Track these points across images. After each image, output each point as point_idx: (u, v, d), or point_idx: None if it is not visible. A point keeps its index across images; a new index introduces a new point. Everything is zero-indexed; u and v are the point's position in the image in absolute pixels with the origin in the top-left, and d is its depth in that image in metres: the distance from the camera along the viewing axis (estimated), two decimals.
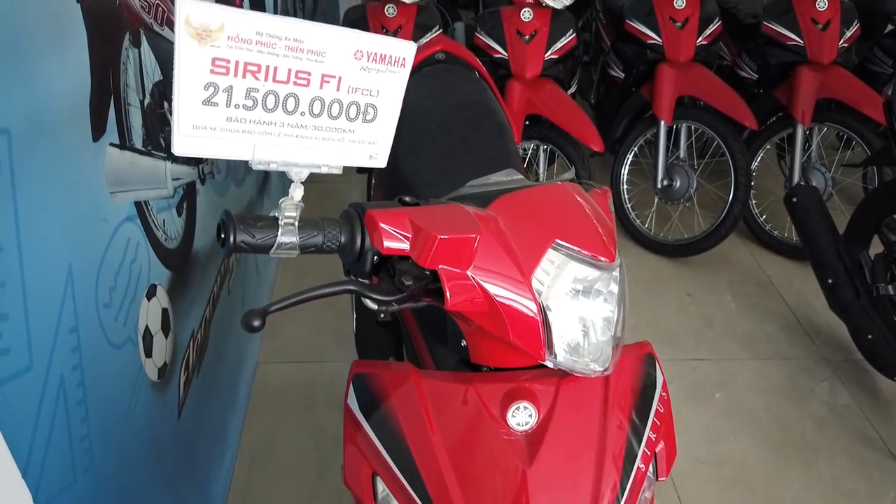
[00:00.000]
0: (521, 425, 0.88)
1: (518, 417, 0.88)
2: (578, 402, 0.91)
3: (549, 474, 0.86)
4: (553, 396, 0.90)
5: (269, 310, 0.71)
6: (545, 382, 0.91)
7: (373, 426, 0.93)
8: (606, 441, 0.90)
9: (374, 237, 0.76)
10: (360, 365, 0.99)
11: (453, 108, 1.77)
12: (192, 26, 0.56)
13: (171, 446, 1.55)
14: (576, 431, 0.89)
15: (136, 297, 1.36)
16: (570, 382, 0.92)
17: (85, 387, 1.15)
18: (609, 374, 0.91)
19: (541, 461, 0.86)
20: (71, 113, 1.13)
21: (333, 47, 0.65)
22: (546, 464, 0.87)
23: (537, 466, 0.86)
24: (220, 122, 0.62)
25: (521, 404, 0.88)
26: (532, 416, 0.89)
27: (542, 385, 0.91)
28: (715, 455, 2.10)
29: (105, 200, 1.24)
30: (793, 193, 2.32)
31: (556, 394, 0.91)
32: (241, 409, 2.15)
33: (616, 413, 0.92)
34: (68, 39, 1.12)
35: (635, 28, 2.86)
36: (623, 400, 0.94)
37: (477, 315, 0.83)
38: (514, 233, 0.84)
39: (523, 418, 0.88)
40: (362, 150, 0.73)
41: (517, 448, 0.88)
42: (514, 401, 0.89)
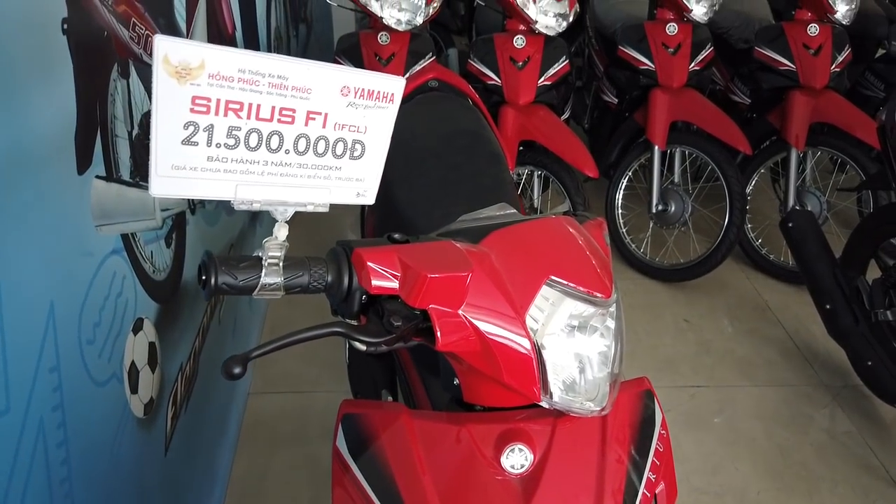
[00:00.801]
0: (515, 468, 0.85)
1: (512, 460, 0.85)
2: (575, 444, 0.88)
3: None
4: (549, 437, 0.87)
5: (251, 356, 0.68)
6: (540, 423, 0.88)
7: (362, 469, 0.90)
8: (605, 484, 0.86)
9: (362, 276, 0.74)
10: (350, 405, 0.95)
11: (446, 137, 1.75)
12: (171, 64, 0.54)
13: (158, 483, 1.51)
14: (573, 474, 0.86)
15: (121, 332, 1.33)
16: (566, 423, 0.89)
17: (66, 427, 1.11)
18: (606, 413, 0.88)
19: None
20: (55, 146, 1.11)
21: (319, 84, 0.63)
22: None
23: None
24: (200, 161, 0.60)
25: (516, 446, 0.85)
26: (527, 459, 0.85)
27: (537, 426, 0.88)
28: (716, 485, 2.06)
29: (90, 234, 1.22)
30: (788, 218, 2.31)
31: (551, 435, 0.87)
32: (231, 441, 2.10)
33: (614, 454, 0.89)
34: (53, 71, 1.10)
35: (628, 54, 2.87)
36: (621, 440, 0.91)
37: (469, 355, 0.81)
38: (508, 269, 0.82)
39: (518, 461, 0.85)
40: (350, 188, 0.71)
41: (512, 492, 0.84)
42: (509, 443, 0.85)
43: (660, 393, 2.40)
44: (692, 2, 2.71)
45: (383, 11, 2.56)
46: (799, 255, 2.27)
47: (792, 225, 2.29)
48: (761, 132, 2.98)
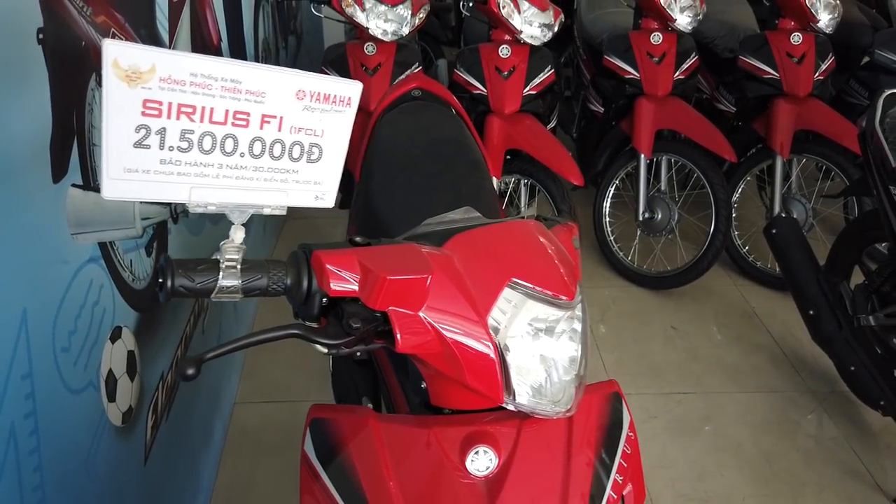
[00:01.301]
0: (480, 470, 0.85)
1: (477, 462, 0.85)
2: (541, 446, 0.88)
3: None
4: (514, 440, 0.88)
5: (205, 357, 0.69)
6: (506, 425, 0.89)
7: (329, 473, 0.90)
8: (570, 485, 0.87)
9: (322, 279, 0.74)
10: (318, 409, 0.96)
11: (428, 145, 1.76)
12: (121, 68, 0.55)
13: (137, 492, 1.50)
14: (538, 476, 0.86)
15: (98, 340, 1.33)
16: (531, 425, 0.89)
17: (39, 435, 1.11)
18: (572, 414, 0.89)
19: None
20: (29, 154, 1.11)
21: (273, 88, 0.64)
22: None
23: None
24: (153, 164, 0.61)
25: (481, 448, 0.86)
26: (492, 461, 0.86)
27: (502, 428, 0.88)
28: (701, 491, 2.06)
29: (66, 242, 1.22)
30: (772, 225, 2.32)
31: (517, 437, 0.88)
32: (215, 450, 2.10)
33: (580, 456, 0.89)
34: (28, 80, 1.11)
35: (613, 63, 2.89)
36: (588, 442, 0.91)
37: (432, 357, 0.81)
38: (470, 272, 0.83)
39: (483, 463, 0.85)
40: (308, 191, 0.72)
41: (477, 494, 0.85)
42: (474, 445, 0.86)
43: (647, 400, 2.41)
44: (676, 11, 2.73)
45: (369, 22, 2.58)
46: (783, 262, 2.28)
47: (776, 231, 2.29)
48: (747, 140, 3.00)
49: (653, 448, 2.20)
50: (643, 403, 2.37)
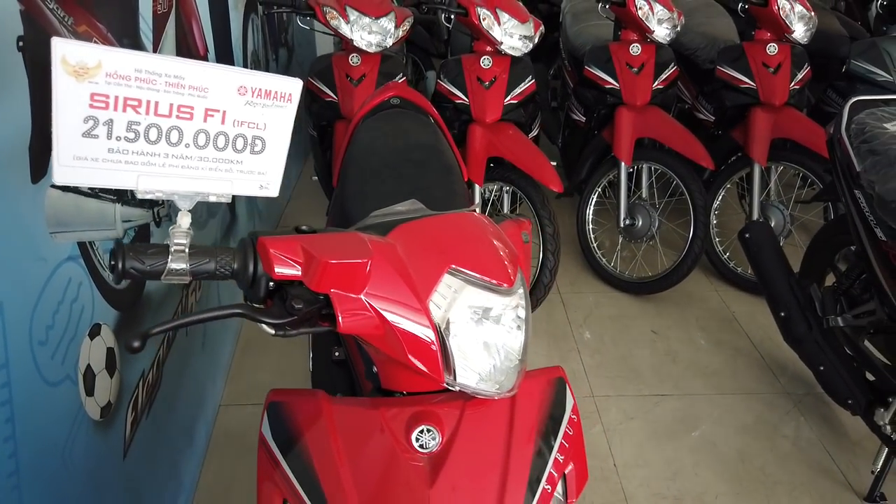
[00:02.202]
0: (424, 448, 0.90)
1: (422, 440, 0.90)
2: (483, 425, 0.93)
3: (451, 495, 0.88)
4: (457, 419, 0.92)
5: (151, 332, 0.74)
6: (450, 406, 0.93)
7: (284, 454, 0.95)
8: (511, 462, 0.91)
9: (267, 263, 0.79)
10: (276, 393, 1.01)
11: (402, 151, 1.82)
12: (69, 64, 0.61)
13: (116, 486, 1.54)
14: (479, 453, 0.91)
15: (76, 336, 1.38)
16: (475, 405, 0.94)
17: (14, 423, 1.16)
18: (513, 394, 0.93)
19: (443, 482, 0.88)
20: (9, 155, 1.17)
21: (215, 83, 0.70)
22: (448, 485, 0.88)
23: (439, 487, 0.88)
24: (101, 153, 0.66)
25: (425, 427, 0.90)
26: (435, 439, 0.91)
27: (446, 408, 0.93)
28: (675, 490, 2.09)
29: (44, 240, 1.27)
30: (746, 230, 2.37)
31: (460, 417, 0.93)
32: (199, 450, 2.14)
33: (522, 435, 0.94)
34: (8, 86, 1.17)
35: (594, 74, 2.96)
36: (529, 422, 0.95)
37: (375, 339, 0.86)
38: (412, 259, 0.88)
39: (427, 441, 0.90)
40: (252, 181, 0.77)
41: (421, 471, 0.89)
42: (419, 424, 0.91)
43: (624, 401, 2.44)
44: (654, 23, 2.80)
45: (353, 34, 2.64)
46: (756, 265, 2.33)
47: (749, 236, 2.35)
48: (727, 149, 3.05)
49: (629, 448, 2.23)
50: (621, 405, 2.41)
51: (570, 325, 2.83)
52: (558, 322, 2.84)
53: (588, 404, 2.42)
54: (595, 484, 2.10)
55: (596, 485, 2.10)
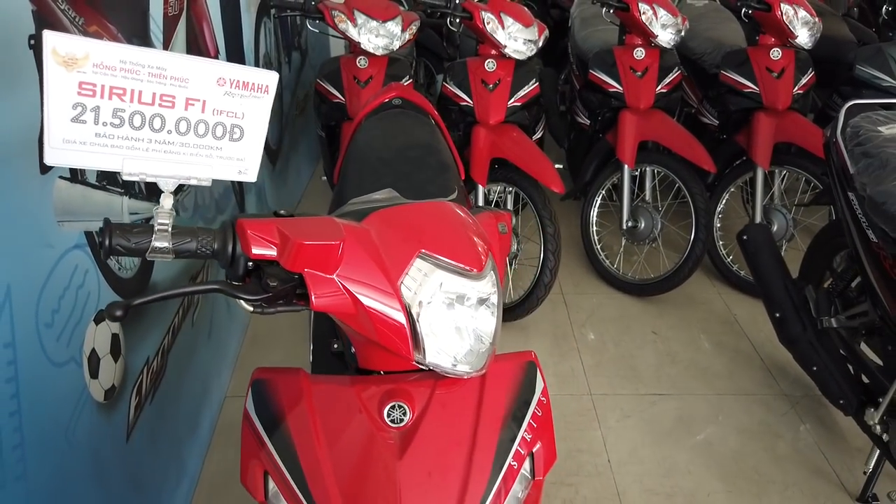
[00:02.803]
0: (395, 423, 0.95)
1: (393, 416, 0.95)
2: (452, 403, 0.98)
3: (419, 467, 0.93)
4: (428, 397, 0.97)
5: (133, 303, 0.80)
6: (422, 385, 0.98)
7: (266, 428, 1.00)
8: (477, 438, 0.96)
9: (244, 244, 0.85)
10: (261, 371, 1.06)
11: (400, 149, 1.87)
12: (59, 55, 0.67)
13: (119, 467, 1.61)
14: (447, 429, 0.96)
15: (82, 320, 1.45)
16: (445, 385, 0.99)
17: (20, 399, 1.22)
18: (482, 374, 0.98)
19: (411, 455, 0.93)
20: (19, 147, 1.24)
21: (196, 75, 0.75)
22: (416, 458, 0.93)
23: (407, 460, 0.93)
24: (89, 137, 0.72)
25: (396, 403, 0.96)
26: (406, 415, 0.96)
27: (417, 386, 0.98)
28: (668, 487, 2.12)
29: (51, 228, 1.34)
30: (744, 232, 2.39)
31: (430, 395, 0.98)
32: (203, 440, 2.20)
33: (489, 414, 0.98)
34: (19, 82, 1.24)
35: (598, 78, 3.00)
36: (498, 402, 1.00)
37: (347, 317, 0.91)
38: (385, 244, 0.93)
39: (398, 416, 0.95)
40: (231, 166, 0.83)
41: (391, 444, 0.94)
42: (391, 400, 0.96)
43: (622, 400, 2.47)
44: (658, 28, 2.83)
45: (361, 37, 2.71)
46: (753, 266, 2.35)
47: (747, 238, 2.37)
48: (731, 153, 3.08)
49: (624, 445, 2.26)
50: (618, 403, 2.45)
51: (571, 325, 2.87)
52: (560, 322, 2.88)
53: (585, 402, 2.45)
54: (588, 479, 2.14)
55: (589, 480, 2.14)
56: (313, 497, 0.93)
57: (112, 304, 0.78)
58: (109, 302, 0.77)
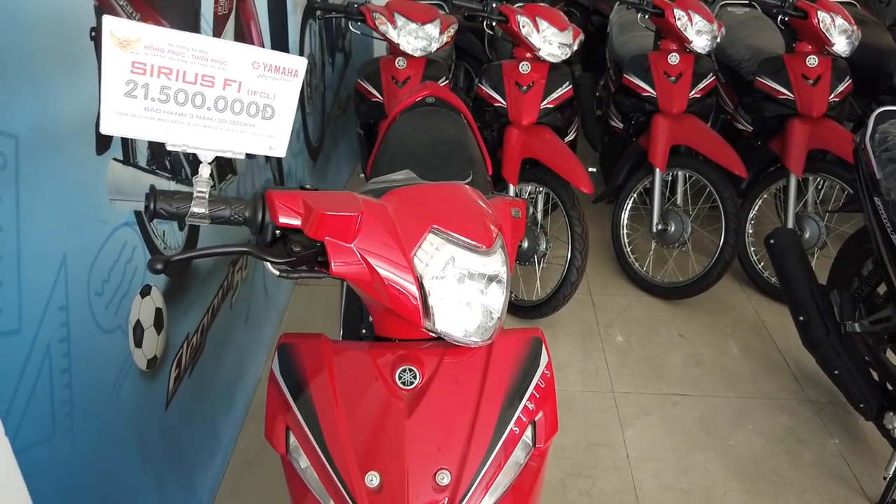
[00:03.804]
0: (406, 385, 1.03)
1: (404, 378, 1.03)
2: (459, 369, 1.05)
3: (425, 426, 1.00)
4: (437, 363, 1.05)
5: (172, 259, 0.89)
6: (432, 352, 1.06)
7: (289, 388, 1.09)
8: (481, 403, 1.03)
9: (272, 213, 0.94)
10: (286, 337, 1.15)
11: (431, 144, 1.96)
12: (115, 37, 0.77)
13: (157, 432, 1.72)
14: (454, 393, 1.03)
15: (129, 292, 1.57)
16: (454, 353, 1.06)
17: (70, 358, 1.34)
18: (489, 343, 1.05)
19: (419, 415, 1.01)
20: (77, 130, 1.36)
21: (233, 58, 0.85)
22: (423, 417, 1.01)
23: (415, 419, 1.00)
24: (139, 110, 0.82)
25: (407, 367, 1.04)
26: (416, 378, 1.03)
27: (427, 353, 1.06)
28: (684, 483, 2.15)
29: (104, 206, 1.46)
30: (771, 236, 2.41)
31: (440, 361, 1.05)
32: (237, 417, 2.32)
33: (494, 382, 1.06)
34: (81, 70, 1.36)
35: (632, 82, 3.04)
36: (503, 372, 1.07)
37: (363, 284, 0.99)
38: (400, 219, 1.01)
39: (408, 379, 1.03)
40: (263, 142, 0.92)
41: (401, 404, 1.02)
42: (402, 364, 1.04)
43: (643, 398, 2.51)
44: (692, 34, 2.87)
45: (400, 39, 2.81)
46: (779, 270, 2.37)
47: (774, 242, 2.39)
48: (765, 159, 3.08)
49: (643, 442, 2.30)
50: (639, 402, 2.48)
51: (597, 324, 2.91)
52: (586, 321, 2.92)
53: (607, 399, 2.49)
54: (606, 472, 2.18)
55: (606, 473, 2.18)
56: (329, 449, 1.01)
57: (153, 258, 0.88)
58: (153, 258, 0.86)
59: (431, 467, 0.99)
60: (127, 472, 1.58)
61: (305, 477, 1.06)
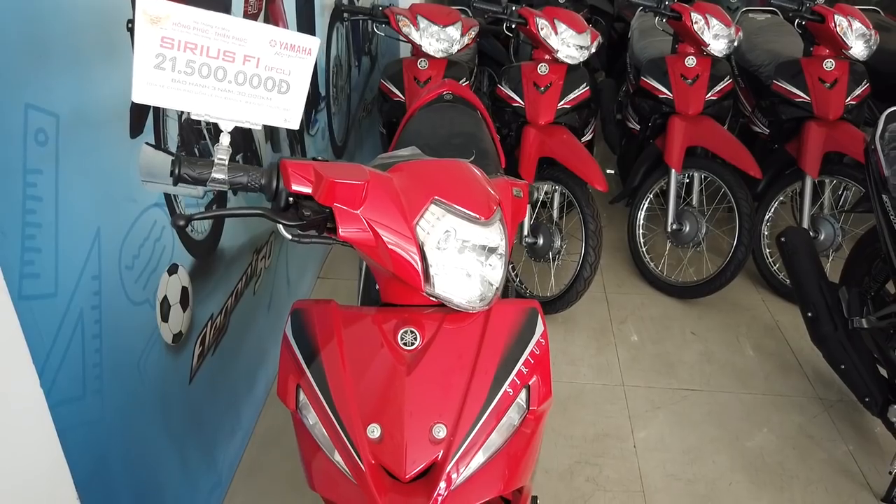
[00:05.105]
0: (407, 345, 1.11)
1: (406, 339, 1.11)
2: (458, 333, 1.13)
3: (423, 383, 1.08)
4: (437, 327, 1.12)
5: (193, 217, 0.98)
6: (433, 316, 1.14)
7: (300, 349, 1.17)
8: (478, 364, 1.10)
9: (286, 180, 1.02)
10: (299, 303, 1.24)
11: (446, 136, 2.04)
12: (147, 14, 0.86)
13: (181, 404, 1.82)
14: (452, 354, 1.10)
15: (157, 269, 1.67)
16: (453, 318, 1.14)
17: (101, 325, 1.44)
18: (486, 309, 1.13)
19: (418, 373, 1.08)
20: (113, 114, 1.47)
21: (252, 36, 0.94)
22: (423, 375, 1.08)
23: (414, 377, 1.08)
24: (167, 82, 0.91)
25: (409, 329, 1.11)
26: (417, 339, 1.11)
27: (429, 317, 1.13)
28: (690, 473, 2.19)
29: (135, 186, 1.57)
30: (783, 234, 2.45)
31: (439, 325, 1.13)
32: (258, 398, 2.41)
33: (490, 345, 1.13)
34: (117, 59, 1.47)
35: (650, 84, 3.10)
36: (499, 337, 1.14)
37: (368, 249, 1.07)
38: (404, 190, 1.09)
39: (409, 340, 1.11)
40: (278, 114, 1.01)
41: (402, 363, 1.10)
42: (404, 326, 1.11)
43: (653, 392, 2.56)
44: (709, 37, 2.91)
45: (422, 40, 2.91)
46: (790, 268, 2.40)
47: (785, 240, 2.42)
48: (782, 162, 3.11)
49: (651, 434, 2.34)
50: (649, 395, 2.52)
51: (611, 321, 2.96)
52: (600, 318, 2.97)
53: (617, 392, 2.54)
54: (613, 461, 2.23)
55: (613, 462, 2.23)
56: (335, 404, 1.09)
57: (177, 215, 0.96)
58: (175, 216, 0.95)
59: (429, 421, 1.06)
60: (151, 437, 1.68)
61: (314, 433, 1.14)
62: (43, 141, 1.24)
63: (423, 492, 1.04)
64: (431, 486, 1.04)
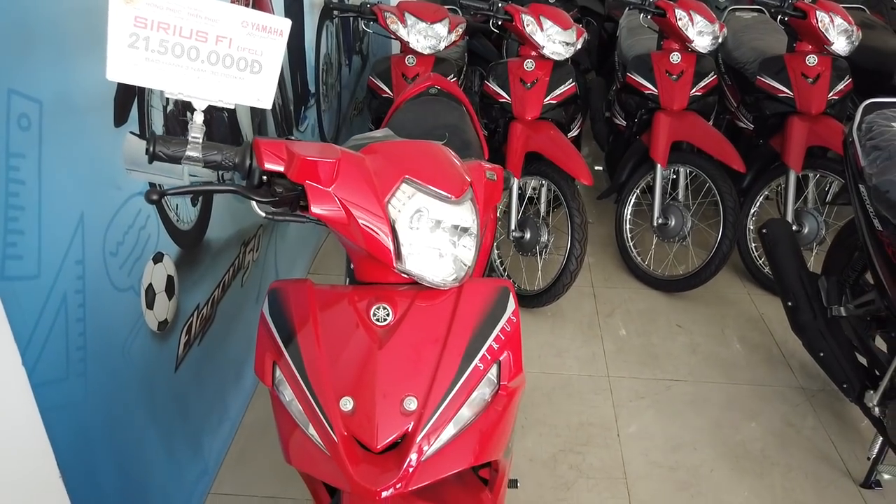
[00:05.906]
0: (380, 321, 1.13)
1: (378, 315, 1.14)
2: (430, 310, 1.15)
3: (395, 357, 1.10)
4: (409, 303, 1.15)
5: (167, 192, 1.01)
6: (405, 293, 1.16)
7: (276, 327, 1.20)
8: (449, 339, 1.13)
9: (259, 158, 1.05)
10: (276, 283, 1.26)
11: (429, 128, 2.07)
12: None
13: (166, 392, 1.84)
14: (423, 330, 1.13)
15: (142, 256, 1.69)
16: (425, 296, 1.16)
17: (85, 309, 1.47)
18: (458, 285, 1.15)
19: (390, 347, 1.11)
20: (98, 102, 1.49)
21: (224, 16, 0.97)
22: (394, 349, 1.11)
23: (386, 351, 1.11)
24: (140, 60, 0.94)
25: (381, 305, 1.14)
26: (389, 315, 1.14)
27: (400, 294, 1.16)
28: (671, 461, 2.21)
29: (120, 174, 1.59)
30: (764, 226, 2.48)
31: (412, 302, 1.15)
32: (246, 389, 2.43)
33: (462, 321, 1.15)
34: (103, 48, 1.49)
35: (635, 80, 3.13)
36: (470, 313, 1.17)
37: (340, 227, 1.10)
38: (376, 169, 1.12)
39: (382, 316, 1.14)
40: (251, 94, 1.04)
41: (374, 338, 1.13)
42: (377, 302, 1.14)
43: (638, 383, 2.59)
44: (693, 33, 2.95)
45: (410, 37, 2.94)
46: (771, 258, 2.43)
47: (766, 231, 2.45)
48: (766, 157, 3.15)
49: (634, 422, 2.37)
50: (634, 386, 2.55)
51: (598, 314, 2.98)
52: (586, 311, 3.00)
53: (602, 383, 2.57)
54: (596, 449, 2.26)
55: (597, 450, 2.25)
56: (309, 379, 1.12)
57: (150, 190, 0.99)
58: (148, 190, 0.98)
59: (400, 393, 1.09)
60: (136, 422, 1.70)
61: (290, 409, 1.17)
62: (26, 126, 1.27)
63: (395, 462, 1.07)
64: (402, 456, 1.07)
